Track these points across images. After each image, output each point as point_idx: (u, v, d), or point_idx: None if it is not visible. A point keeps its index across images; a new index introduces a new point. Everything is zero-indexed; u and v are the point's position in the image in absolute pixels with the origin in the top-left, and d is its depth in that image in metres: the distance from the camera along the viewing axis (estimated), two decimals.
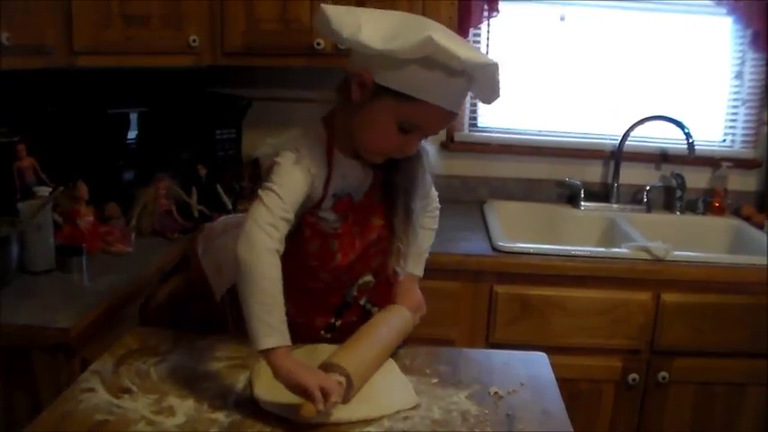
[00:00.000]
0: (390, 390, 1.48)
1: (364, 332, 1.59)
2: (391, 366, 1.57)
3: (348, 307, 1.71)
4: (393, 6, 1.45)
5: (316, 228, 1.58)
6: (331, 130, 1.56)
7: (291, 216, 1.47)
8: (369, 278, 1.70)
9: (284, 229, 1.46)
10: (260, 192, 1.47)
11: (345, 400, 1.41)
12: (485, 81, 1.45)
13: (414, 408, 1.43)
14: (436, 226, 1.83)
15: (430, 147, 1.64)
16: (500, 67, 1.42)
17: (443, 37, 1.36)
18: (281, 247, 1.44)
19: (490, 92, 1.49)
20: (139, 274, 2.11)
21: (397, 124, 1.46)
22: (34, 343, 1.73)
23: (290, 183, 1.49)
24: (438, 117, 1.46)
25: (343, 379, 1.40)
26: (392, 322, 1.65)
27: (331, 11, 1.44)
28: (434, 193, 1.80)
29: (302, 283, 1.66)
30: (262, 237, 1.42)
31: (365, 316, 1.72)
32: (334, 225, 1.59)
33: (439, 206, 1.83)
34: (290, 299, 1.48)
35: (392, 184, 1.62)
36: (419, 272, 1.79)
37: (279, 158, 1.50)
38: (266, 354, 1.36)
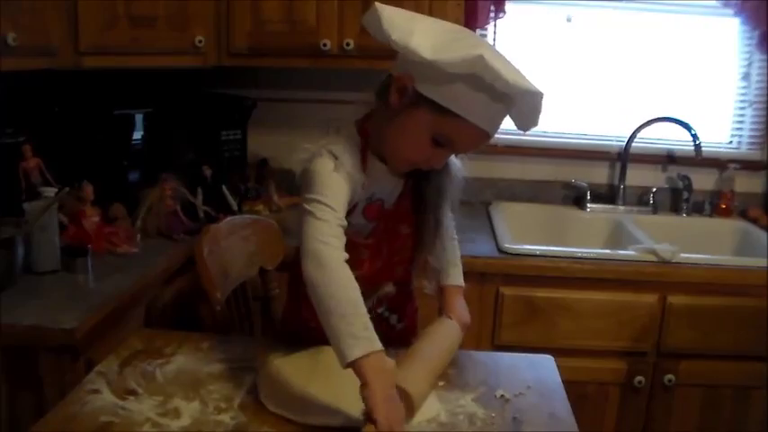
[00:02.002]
0: None
1: (428, 351, 1.53)
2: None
3: None
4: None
5: (348, 236, 1.48)
6: (366, 133, 1.54)
7: (344, 222, 1.42)
8: (390, 288, 1.68)
9: (342, 236, 1.40)
10: (306, 206, 1.41)
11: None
12: (525, 108, 1.44)
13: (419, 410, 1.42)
14: (455, 235, 1.79)
15: (457, 161, 1.62)
16: (543, 97, 1.40)
17: (493, 57, 1.33)
18: (345, 255, 1.39)
19: (529, 120, 1.48)
20: (145, 275, 2.11)
21: (431, 136, 1.44)
22: (39, 344, 1.73)
23: (335, 189, 1.44)
24: (472, 136, 1.44)
25: (408, 408, 1.35)
26: (449, 338, 1.63)
27: (386, 11, 1.41)
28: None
29: None
30: (329, 251, 1.36)
31: (383, 324, 1.70)
32: (364, 233, 1.58)
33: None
34: (306, 301, 1.45)
35: (423, 196, 1.61)
36: (461, 282, 1.75)
37: (316, 166, 1.45)
38: (354, 366, 1.28)
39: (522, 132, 1.58)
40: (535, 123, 1.48)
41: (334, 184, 1.44)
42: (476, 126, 1.41)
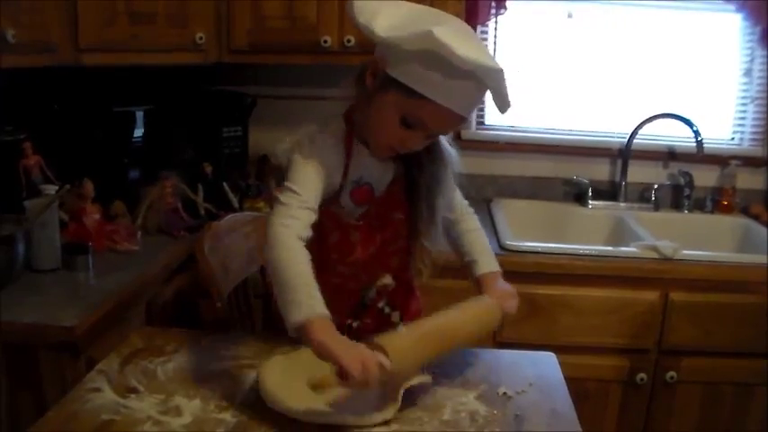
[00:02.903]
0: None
1: (427, 320, 1.51)
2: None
3: (365, 309, 1.70)
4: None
5: (336, 219, 1.60)
6: (351, 121, 1.58)
7: (313, 205, 1.47)
8: (388, 280, 1.69)
9: (307, 217, 1.46)
10: (276, 193, 1.50)
11: (385, 380, 1.34)
12: (494, 87, 1.43)
13: (421, 408, 1.42)
14: (479, 225, 1.78)
15: (453, 150, 1.64)
16: (504, 73, 1.40)
17: (447, 33, 1.34)
18: (306, 233, 1.44)
19: (500, 100, 1.47)
20: (145, 273, 2.11)
21: (400, 118, 1.46)
22: (40, 341, 1.73)
23: (305, 175, 1.50)
24: (441, 117, 1.45)
25: (384, 359, 1.31)
26: (466, 307, 1.57)
27: None
28: (459, 194, 1.76)
29: (320, 278, 1.65)
30: (281, 230, 1.42)
31: (384, 320, 1.71)
32: (355, 215, 1.61)
33: (471, 210, 1.79)
34: None
35: (415, 182, 1.62)
36: (495, 267, 1.71)
37: (293, 155, 1.52)
38: (298, 332, 1.32)
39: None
40: (507, 104, 1.47)
41: (306, 170, 1.50)
42: (442, 106, 1.42)
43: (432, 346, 1.44)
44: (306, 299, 1.35)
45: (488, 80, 1.41)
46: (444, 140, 1.63)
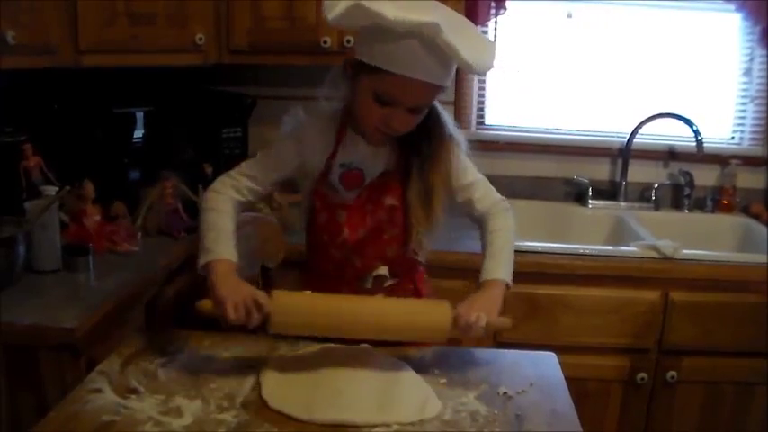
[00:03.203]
0: (412, 398, 1.44)
1: (348, 296, 1.60)
2: (410, 374, 1.53)
3: None
4: None
5: (324, 199, 1.66)
6: (347, 112, 1.65)
7: (261, 186, 1.68)
8: (384, 271, 1.70)
9: (248, 194, 1.67)
10: (247, 160, 1.73)
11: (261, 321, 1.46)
12: (439, 43, 1.42)
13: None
14: (507, 224, 1.72)
15: (458, 134, 1.68)
16: (441, 26, 1.39)
17: (379, 2, 1.41)
18: (237, 196, 1.65)
19: (461, 61, 1.46)
20: (146, 274, 2.11)
21: (374, 97, 1.51)
22: (40, 342, 1.73)
23: (270, 157, 1.68)
24: (407, 87, 1.48)
25: (265, 304, 1.44)
26: (401, 302, 1.60)
27: None
28: (487, 190, 1.77)
29: (316, 266, 1.74)
30: (212, 195, 1.67)
31: None
32: (348, 199, 1.65)
33: (505, 204, 1.77)
34: (310, 283, 1.69)
35: (409, 164, 1.64)
36: (498, 275, 1.63)
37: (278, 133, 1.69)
38: (203, 272, 1.53)
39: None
40: (468, 64, 1.46)
41: (277, 149, 1.68)
42: (403, 76, 1.46)
43: (328, 315, 1.50)
44: (211, 245, 1.56)
45: (429, 37, 1.41)
46: (449, 124, 1.66)
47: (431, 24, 1.39)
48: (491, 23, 2.95)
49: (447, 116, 1.69)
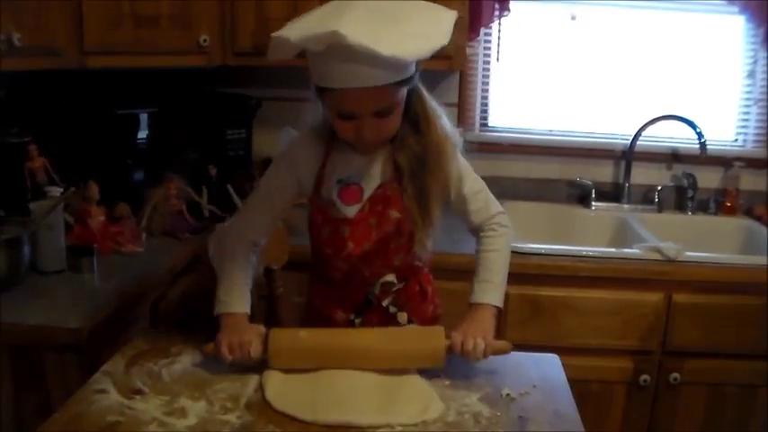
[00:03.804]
0: (415, 399, 1.45)
1: (340, 330, 1.65)
2: (414, 376, 1.53)
3: (370, 306, 1.72)
4: None
5: (325, 213, 1.65)
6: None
7: (263, 217, 1.69)
8: (391, 278, 1.70)
9: (255, 223, 1.68)
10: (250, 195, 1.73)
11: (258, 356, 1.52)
12: (349, 50, 1.37)
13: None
14: (504, 245, 1.70)
15: (457, 136, 1.65)
16: (340, 34, 1.35)
17: (286, 28, 1.45)
18: (250, 235, 1.66)
19: (380, 59, 1.39)
20: (150, 275, 2.11)
21: (337, 114, 1.52)
22: (45, 343, 1.73)
23: (269, 184, 1.68)
24: (355, 97, 1.47)
25: (256, 348, 1.52)
26: (396, 333, 1.62)
27: None
28: (488, 203, 1.73)
29: (322, 273, 1.73)
30: (224, 239, 1.69)
31: (389, 319, 1.72)
32: (351, 214, 1.63)
33: (504, 218, 1.73)
34: (314, 289, 1.75)
35: (399, 165, 1.61)
36: (491, 300, 1.62)
37: (271, 164, 1.70)
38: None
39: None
40: (385, 57, 1.38)
41: (273, 181, 1.68)
42: (340, 89, 1.45)
43: (324, 353, 1.52)
44: (224, 296, 1.61)
45: (340, 45, 1.36)
46: (441, 123, 1.61)
47: (329, 34, 1.36)
48: (495, 25, 2.96)
49: (441, 115, 1.63)
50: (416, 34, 1.44)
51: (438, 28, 1.48)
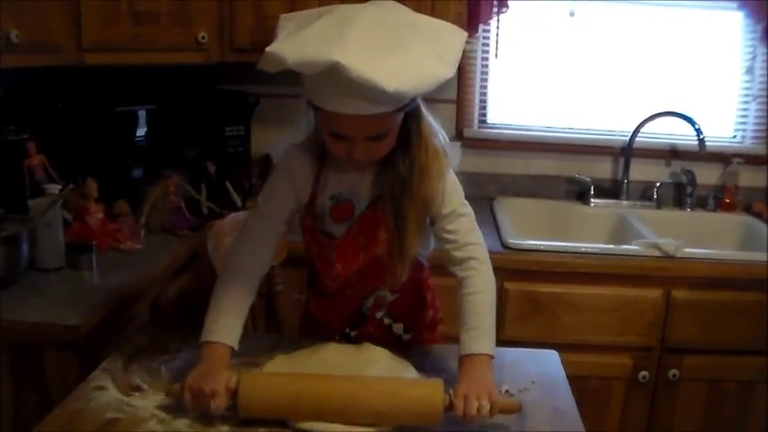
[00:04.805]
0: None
1: (331, 377, 1.44)
2: (413, 375, 1.52)
3: (364, 319, 1.69)
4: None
5: (313, 233, 1.60)
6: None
7: (267, 231, 1.58)
8: (384, 293, 1.66)
9: (258, 240, 1.57)
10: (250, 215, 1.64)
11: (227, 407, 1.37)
12: (346, 75, 1.27)
13: None
14: (488, 285, 1.55)
15: (453, 152, 1.56)
16: (340, 63, 1.25)
17: (284, 44, 1.36)
18: (255, 247, 1.56)
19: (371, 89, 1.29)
20: (149, 272, 2.11)
21: (329, 132, 1.45)
22: (44, 340, 1.73)
23: (270, 199, 1.60)
24: (348, 122, 1.38)
25: (221, 399, 1.35)
26: (385, 388, 1.41)
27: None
28: (473, 234, 1.57)
29: (317, 284, 1.70)
30: (229, 258, 1.59)
31: (383, 330, 1.70)
32: (339, 232, 1.57)
33: (484, 253, 1.58)
34: (311, 296, 1.73)
35: (382, 186, 1.53)
36: (485, 349, 1.46)
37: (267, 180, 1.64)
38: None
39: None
40: (387, 91, 1.28)
41: (273, 194, 1.60)
42: (335, 113, 1.37)
43: (298, 402, 1.36)
44: (209, 324, 1.47)
45: (339, 72, 1.27)
46: (433, 140, 1.52)
47: (330, 63, 1.26)
48: (493, 22, 2.95)
49: (435, 128, 1.54)
50: (423, 64, 1.35)
51: (446, 55, 1.39)
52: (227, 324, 1.46)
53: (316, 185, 1.56)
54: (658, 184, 3.03)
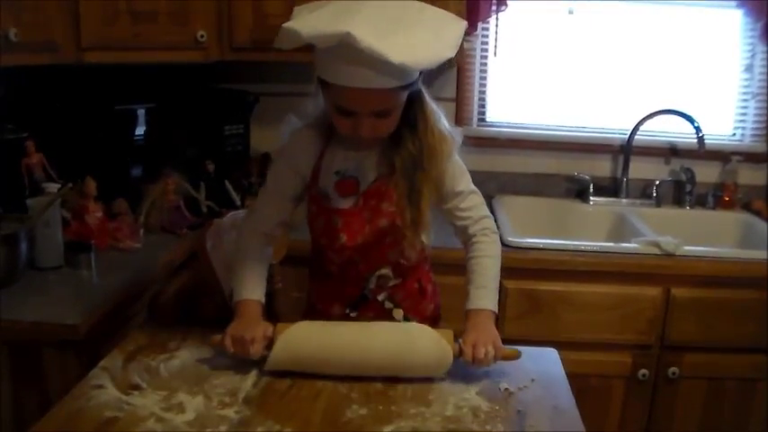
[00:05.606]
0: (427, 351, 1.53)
1: (351, 324, 1.65)
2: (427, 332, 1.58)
3: (366, 301, 1.72)
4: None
5: (320, 203, 1.66)
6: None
7: (274, 212, 1.70)
8: (386, 271, 1.70)
9: (266, 219, 1.71)
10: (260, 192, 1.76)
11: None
12: (362, 49, 1.37)
13: (424, 404, 1.43)
14: (495, 251, 1.70)
15: (456, 135, 1.65)
16: (354, 36, 1.36)
17: (300, 17, 1.48)
18: (262, 228, 1.70)
19: (388, 65, 1.40)
20: (148, 271, 2.11)
21: (336, 108, 1.53)
22: (43, 339, 1.73)
23: (274, 180, 1.71)
24: (357, 96, 1.48)
25: (259, 345, 1.53)
26: (402, 330, 1.62)
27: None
28: (477, 208, 1.72)
29: (320, 268, 1.74)
30: (239, 238, 1.74)
31: (384, 314, 1.72)
32: (345, 206, 1.64)
33: (493, 224, 1.74)
34: (313, 285, 1.79)
35: (393, 164, 1.62)
36: (489, 305, 1.62)
37: (274, 158, 1.76)
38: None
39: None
40: (395, 63, 1.39)
41: (277, 174, 1.72)
42: (346, 86, 1.47)
43: (331, 347, 1.54)
44: (238, 286, 1.65)
45: (350, 45, 1.37)
46: (439, 121, 1.62)
47: (341, 35, 1.37)
48: (492, 20, 2.95)
49: (438, 113, 1.64)
50: (426, 43, 1.45)
51: (447, 38, 1.49)
52: (252, 283, 1.65)
53: (319, 163, 1.65)
54: (658, 182, 3.03)
